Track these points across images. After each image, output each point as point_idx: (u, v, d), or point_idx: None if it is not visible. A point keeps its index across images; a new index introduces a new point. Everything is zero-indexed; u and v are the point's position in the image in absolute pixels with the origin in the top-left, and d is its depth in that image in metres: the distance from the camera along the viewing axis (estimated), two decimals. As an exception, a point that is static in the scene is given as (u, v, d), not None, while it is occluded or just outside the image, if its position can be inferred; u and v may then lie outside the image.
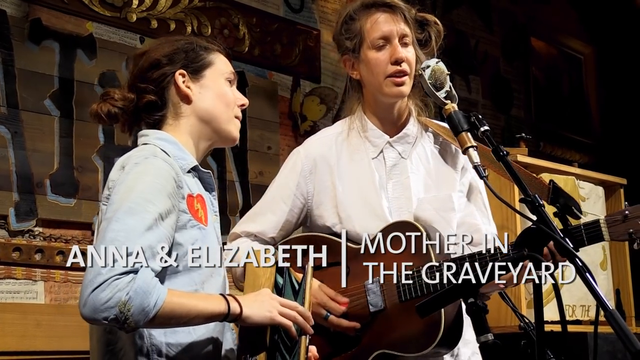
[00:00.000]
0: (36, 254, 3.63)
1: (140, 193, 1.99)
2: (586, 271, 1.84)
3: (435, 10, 5.91)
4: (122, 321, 1.86)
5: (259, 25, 4.69)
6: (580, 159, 6.79)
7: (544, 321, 1.94)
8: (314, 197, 2.68)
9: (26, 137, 3.65)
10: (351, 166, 2.67)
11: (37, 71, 3.73)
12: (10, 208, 3.57)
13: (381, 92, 2.62)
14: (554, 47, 7.12)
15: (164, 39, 2.34)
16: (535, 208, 1.97)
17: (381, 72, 2.59)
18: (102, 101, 2.23)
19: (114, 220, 1.95)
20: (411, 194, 2.61)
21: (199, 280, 2.09)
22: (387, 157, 2.66)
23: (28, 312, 3.55)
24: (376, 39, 2.60)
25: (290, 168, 2.72)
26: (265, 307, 2.05)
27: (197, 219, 2.12)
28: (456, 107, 2.25)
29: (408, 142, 2.68)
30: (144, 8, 4.16)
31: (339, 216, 2.62)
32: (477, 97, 6.19)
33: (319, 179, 2.67)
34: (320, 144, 2.73)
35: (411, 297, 2.48)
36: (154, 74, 2.22)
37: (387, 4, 2.64)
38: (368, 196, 2.62)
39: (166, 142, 2.17)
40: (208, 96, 2.25)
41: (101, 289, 1.85)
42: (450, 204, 2.60)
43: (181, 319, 1.96)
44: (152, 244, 1.95)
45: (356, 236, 2.57)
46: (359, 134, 2.69)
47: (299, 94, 4.87)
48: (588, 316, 4.24)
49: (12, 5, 3.70)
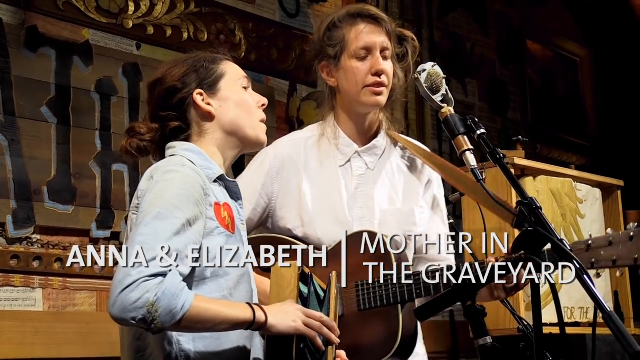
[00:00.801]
0: (34, 261, 3.63)
1: (168, 200, 2.02)
2: (584, 273, 1.85)
3: (431, 14, 5.92)
4: (149, 322, 1.89)
5: (255, 30, 4.69)
6: (577, 161, 6.80)
7: (542, 324, 1.94)
8: (278, 198, 2.70)
9: (23, 144, 3.64)
10: (319, 171, 2.70)
11: (34, 78, 3.73)
12: (8, 215, 3.56)
13: (358, 101, 2.66)
14: (550, 50, 7.13)
15: (171, 62, 2.35)
16: (532, 211, 1.98)
17: (360, 81, 2.63)
18: (129, 137, 2.26)
19: (143, 225, 1.99)
20: (374, 205, 2.66)
21: (226, 287, 2.11)
22: (354, 167, 2.70)
23: (26, 320, 3.55)
24: (359, 49, 2.64)
25: (257, 167, 2.74)
26: (289, 317, 2.06)
27: (224, 226, 2.14)
28: (452, 110, 2.27)
29: (376, 153, 2.72)
30: (140, 14, 4.16)
31: (302, 219, 2.65)
32: (474, 100, 6.20)
33: (286, 181, 2.70)
34: (290, 146, 2.75)
35: (370, 306, 2.50)
36: (173, 100, 2.24)
37: (373, 16, 2.69)
38: (333, 203, 2.66)
39: (192, 152, 2.20)
40: (229, 107, 2.27)
41: (130, 289, 1.88)
42: (412, 219, 2.66)
43: (207, 324, 1.98)
44: (180, 247, 1.98)
45: (317, 241, 2.60)
46: (329, 141, 2.72)
47: (295, 99, 4.87)
48: (587, 318, 4.24)
49: (8, 13, 3.70)
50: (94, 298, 3.79)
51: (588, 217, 4.47)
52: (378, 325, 2.50)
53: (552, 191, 4.27)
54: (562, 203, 4.32)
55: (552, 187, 4.28)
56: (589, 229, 4.43)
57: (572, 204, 4.37)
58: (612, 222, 4.62)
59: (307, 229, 2.63)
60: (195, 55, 2.34)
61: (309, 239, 2.62)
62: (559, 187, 4.32)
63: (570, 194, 4.37)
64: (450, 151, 5.71)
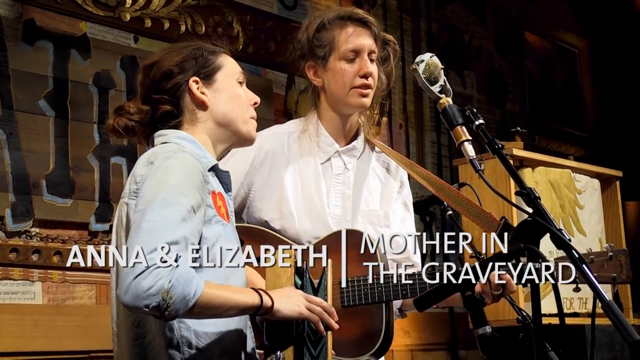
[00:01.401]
0: (33, 254, 3.63)
1: (173, 186, 2.02)
2: (582, 263, 1.85)
3: (429, 6, 5.91)
4: (163, 309, 1.88)
5: (252, 23, 4.69)
6: (575, 152, 6.80)
7: (541, 314, 1.95)
8: (258, 189, 2.72)
9: (21, 137, 3.64)
10: (300, 166, 2.74)
11: (31, 72, 3.72)
12: (7, 209, 3.56)
13: (344, 102, 2.71)
14: (548, 41, 7.12)
15: (171, 47, 2.36)
16: (531, 200, 1.98)
17: (348, 82, 2.69)
18: (117, 116, 2.25)
19: (149, 211, 1.97)
20: (351, 205, 2.71)
21: (223, 275, 2.11)
22: (333, 166, 2.75)
23: (26, 313, 3.55)
24: (347, 51, 2.69)
25: (240, 157, 2.74)
26: (293, 302, 2.10)
27: (220, 215, 2.15)
28: (450, 101, 2.27)
29: (354, 155, 2.78)
30: (137, 7, 4.15)
31: (281, 212, 2.68)
32: (472, 92, 6.20)
33: (267, 172, 2.73)
34: (274, 139, 2.78)
35: (354, 303, 2.54)
36: (167, 84, 2.24)
37: (362, 20, 2.74)
38: (312, 199, 2.70)
39: (186, 141, 2.20)
40: (223, 99, 2.28)
41: (143, 276, 1.87)
42: (386, 221, 2.75)
43: (217, 310, 1.99)
44: (187, 235, 1.98)
45: (294, 235, 2.65)
46: (310, 138, 2.77)
47: (293, 92, 4.87)
48: (586, 308, 4.25)
49: (5, 6, 3.69)
50: (94, 291, 3.79)
51: (587, 207, 4.47)
52: (360, 323, 2.54)
53: (550, 182, 4.27)
54: (561, 194, 4.32)
55: (551, 178, 4.29)
56: (587, 220, 4.44)
57: (570, 195, 4.37)
58: (611, 213, 4.63)
59: (286, 221, 2.67)
60: (196, 44, 2.34)
61: (287, 232, 2.66)
62: (557, 178, 4.32)
63: (568, 184, 4.38)
64: (449, 143, 5.71)
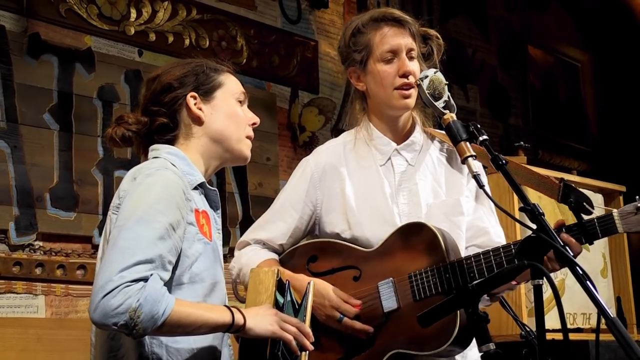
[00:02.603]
0: (37, 268, 3.63)
1: (151, 203, 2.03)
2: (587, 279, 1.84)
3: (432, 20, 5.92)
4: (131, 327, 1.91)
5: (256, 36, 4.70)
6: (578, 166, 6.80)
7: (545, 329, 1.94)
8: (323, 204, 2.71)
9: (25, 151, 3.65)
10: (360, 173, 2.71)
11: (36, 85, 3.74)
12: (11, 222, 3.57)
13: (388, 104, 2.67)
14: (551, 55, 7.13)
15: (175, 62, 2.39)
16: (535, 217, 1.98)
17: (389, 84, 2.64)
18: (116, 125, 2.28)
19: (125, 229, 1.99)
20: (420, 200, 2.65)
21: (202, 294, 2.13)
22: (395, 164, 2.71)
23: (29, 327, 3.56)
24: (385, 52, 2.65)
25: (299, 176, 2.76)
26: (267, 321, 2.09)
27: (203, 233, 2.16)
28: (455, 116, 2.28)
29: (415, 149, 2.72)
30: (142, 21, 4.17)
31: (349, 222, 2.66)
32: (475, 106, 6.20)
33: (328, 186, 2.71)
34: (329, 153, 2.77)
35: (425, 296, 2.50)
36: (166, 97, 2.27)
37: (396, 19, 2.70)
38: (377, 202, 2.66)
39: (176, 157, 2.21)
40: (219, 117, 2.29)
41: (112, 294, 1.90)
42: (459, 208, 2.66)
43: (187, 328, 2.00)
44: (162, 253, 1.99)
45: (366, 242, 2.62)
46: (366, 143, 2.73)
47: (297, 105, 4.87)
48: (589, 324, 4.23)
49: (10, 20, 3.71)
50: (97, 305, 3.78)
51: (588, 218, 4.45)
52: None
53: (554, 197, 4.26)
54: (564, 209, 4.31)
55: (554, 193, 4.27)
56: (591, 235, 4.41)
57: (574, 210, 4.36)
58: (614, 228, 4.61)
59: (355, 230, 2.64)
60: (200, 60, 2.36)
61: (358, 241, 2.64)
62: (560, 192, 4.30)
63: (572, 199, 4.36)
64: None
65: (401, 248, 2.54)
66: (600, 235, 2.39)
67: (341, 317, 2.54)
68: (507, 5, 6.71)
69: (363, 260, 2.60)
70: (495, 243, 2.65)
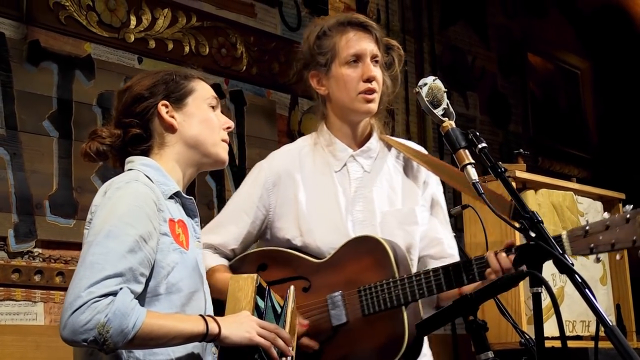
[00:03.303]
0: (36, 275, 3.62)
1: (120, 216, 2.03)
2: (585, 287, 1.84)
3: (432, 27, 5.93)
4: (101, 342, 1.90)
5: (256, 44, 4.70)
6: (578, 173, 6.79)
7: (544, 337, 1.94)
8: (275, 209, 2.71)
9: (25, 158, 3.65)
10: (314, 179, 2.71)
11: (36, 92, 3.74)
12: (10, 229, 3.56)
13: (351, 108, 2.67)
14: (551, 62, 7.14)
15: (145, 73, 2.39)
16: (533, 224, 1.98)
17: (352, 88, 2.65)
18: (90, 140, 2.29)
19: (94, 244, 1.99)
20: (375, 207, 2.66)
21: (179, 304, 2.12)
22: (351, 170, 2.71)
23: (27, 334, 3.55)
24: (349, 56, 2.66)
25: (253, 180, 2.75)
26: (243, 328, 2.08)
27: (178, 242, 2.15)
28: (453, 124, 2.27)
29: (371, 156, 2.73)
30: (141, 28, 4.17)
31: (300, 229, 2.65)
32: (475, 113, 6.20)
33: (282, 192, 2.71)
34: (284, 158, 2.77)
35: (374, 310, 2.49)
36: (138, 107, 2.27)
37: (362, 24, 2.71)
38: (330, 210, 2.66)
39: (150, 167, 2.21)
40: (192, 123, 2.28)
41: (80, 311, 1.90)
42: (413, 218, 2.67)
43: (160, 340, 1.99)
44: (132, 266, 1.99)
45: (316, 250, 2.62)
46: (323, 148, 2.74)
47: (297, 112, 4.87)
48: (588, 332, 4.23)
49: (10, 27, 3.71)
50: (96, 312, 3.77)
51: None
52: (384, 329, 2.50)
53: (553, 204, 4.27)
54: (564, 216, 4.31)
55: (554, 200, 4.28)
56: (590, 242, 4.41)
57: (573, 217, 4.36)
58: (614, 235, 4.60)
59: (306, 237, 2.64)
60: (169, 70, 2.37)
61: (308, 248, 2.63)
62: (560, 200, 4.31)
63: (571, 207, 4.37)
64: (451, 164, 5.69)
65: (352, 260, 2.53)
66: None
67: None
68: (507, 12, 6.72)
69: (313, 270, 2.58)
70: (448, 254, 2.70)
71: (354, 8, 5.35)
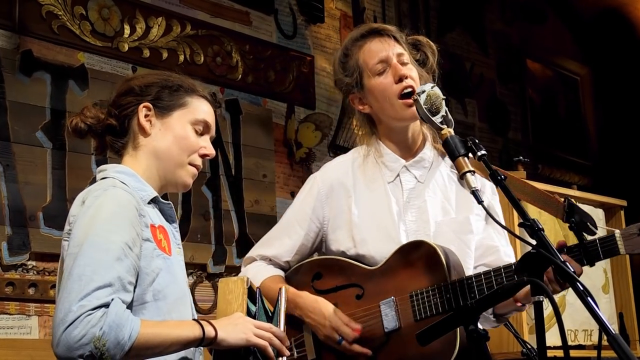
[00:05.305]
0: (30, 288, 3.59)
1: (102, 225, 1.99)
2: (587, 295, 1.82)
3: (430, 34, 5.91)
4: (97, 357, 1.86)
5: (252, 52, 4.68)
6: (579, 180, 6.77)
7: (546, 346, 1.91)
8: (329, 221, 2.69)
9: (18, 169, 3.62)
10: (367, 191, 2.68)
11: (29, 103, 3.71)
12: (3, 242, 3.53)
13: (395, 116, 2.63)
14: (550, 69, 7.12)
15: (155, 71, 2.38)
16: (534, 232, 1.95)
17: (389, 94, 2.60)
18: (75, 115, 2.28)
19: (79, 255, 1.94)
20: (429, 217, 2.62)
21: (166, 310, 2.08)
22: (403, 181, 2.67)
23: (22, 348, 3.51)
24: (375, 65, 2.63)
25: (306, 192, 2.75)
26: (239, 329, 2.07)
27: (161, 248, 2.11)
28: (452, 131, 2.26)
29: (424, 166, 2.69)
30: (135, 37, 4.14)
31: (354, 240, 2.63)
32: (474, 120, 6.18)
33: (335, 204, 2.69)
34: (337, 169, 2.75)
35: (426, 315, 2.47)
36: (123, 100, 2.25)
37: (376, 31, 2.69)
38: (383, 220, 2.63)
39: (125, 174, 2.17)
40: (166, 136, 2.23)
41: (74, 326, 1.86)
42: (468, 227, 2.63)
43: (157, 349, 1.96)
44: (121, 275, 1.95)
45: (371, 259, 2.59)
46: (375, 160, 2.70)
47: (293, 121, 4.84)
48: (591, 341, 4.20)
49: (2, 37, 3.69)
50: (91, 325, 3.74)
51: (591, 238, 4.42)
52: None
53: (554, 212, 4.23)
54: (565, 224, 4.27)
55: (554, 208, 4.24)
56: (592, 250, 4.38)
57: (574, 225, 4.33)
58: (616, 243, 4.58)
59: (360, 248, 2.62)
60: (180, 77, 2.32)
61: (363, 259, 2.61)
62: (561, 207, 4.27)
63: (572, 214, 4.33)
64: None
65: (404, 266, 2.51)
66: (602, 256, 2.37)
67: (340, 340, 2.52)
68: (505, 18, 6.70)
69: (366, 278, 2.57)
70: (504, 262, 2.59)
71: (351, 16, 5.33)
